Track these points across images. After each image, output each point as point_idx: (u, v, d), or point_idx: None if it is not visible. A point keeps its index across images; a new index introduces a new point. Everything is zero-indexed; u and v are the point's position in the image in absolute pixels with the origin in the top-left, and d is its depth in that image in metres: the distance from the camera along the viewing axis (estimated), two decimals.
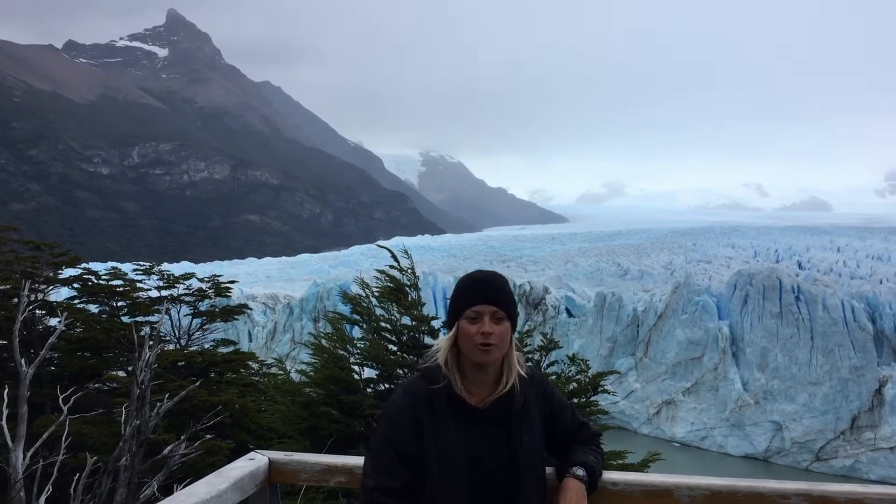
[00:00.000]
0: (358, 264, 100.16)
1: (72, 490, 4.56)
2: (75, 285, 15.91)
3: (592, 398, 7.71)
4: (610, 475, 2.72)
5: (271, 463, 2.89)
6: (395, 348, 7.71)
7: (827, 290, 45.43)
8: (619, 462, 7.42)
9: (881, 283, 53.84)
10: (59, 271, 16.06)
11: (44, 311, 13.97)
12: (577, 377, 7.80)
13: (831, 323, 43.13)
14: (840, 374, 42.15)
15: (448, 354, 2.60)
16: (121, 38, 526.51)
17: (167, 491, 2.47)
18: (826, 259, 70.00)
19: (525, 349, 7.51)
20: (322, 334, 8.21)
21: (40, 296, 13.51)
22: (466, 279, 2.66)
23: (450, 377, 2.57)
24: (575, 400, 7.52)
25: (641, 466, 7.38)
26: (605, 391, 7.97)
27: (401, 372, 7.41)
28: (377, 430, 2.58)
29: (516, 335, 2.71)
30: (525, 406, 2.63)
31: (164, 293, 17.10)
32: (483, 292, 2.57)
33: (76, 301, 15.78)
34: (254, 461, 2.85)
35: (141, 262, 19.45)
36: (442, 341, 2.64)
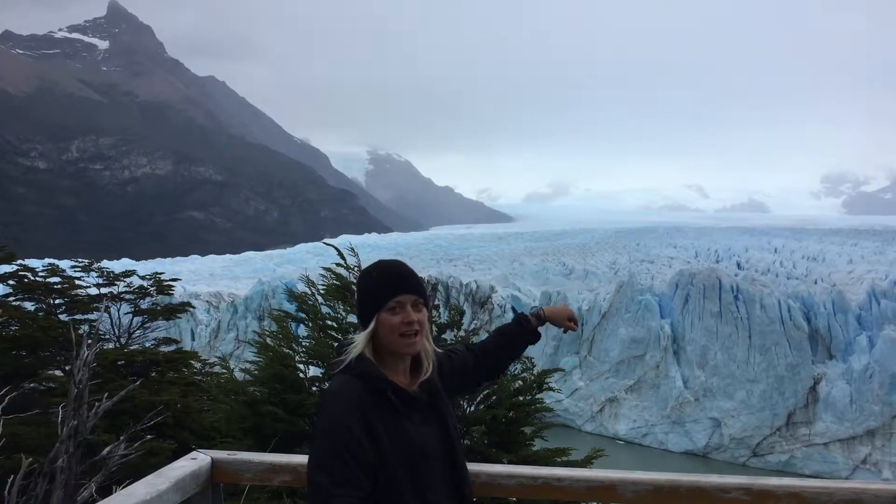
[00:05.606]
0: (304, 262, 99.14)
1: (6, 492, 4.44)
2: (10, 282, 15.46)
3: (537, 396, 7.76)
4: (555, 471, 2.74)
5: (214, 462, 2.82)
6: None
7: (764, 289, 46.58)
8: (563, 459, 7.49)
9: (816, 283, 55.41)
10: None
11: None
12: (522, 375, 7.86)
13: (768, 322, 44.19)
14: (776, 372, 43.23)
15: (365, 348, 2.53)
16: (59, 30, 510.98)
17: (106, 492, 2.41)
18: (764, 259, 71.81)
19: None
20: (267, 332, 8.12)
21: None
22: (379, 270, 2.62)
23: (381, 369, 2.52)
24: (520, 398, 7.58)
25: (585, 463, 7.46)
26: (550, 389, 8.04)
27: None
28: (321, 445, 2.36)
29: (461, 333, 2.71)
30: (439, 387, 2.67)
31: (104, 291, 16.72)
32: (402, 281, 2.56)
33: (11, 298, 15.33)
34: (196, 461, 2.77)
35: (80, 259, 18.94)
36: (359, 337, 2.56)
